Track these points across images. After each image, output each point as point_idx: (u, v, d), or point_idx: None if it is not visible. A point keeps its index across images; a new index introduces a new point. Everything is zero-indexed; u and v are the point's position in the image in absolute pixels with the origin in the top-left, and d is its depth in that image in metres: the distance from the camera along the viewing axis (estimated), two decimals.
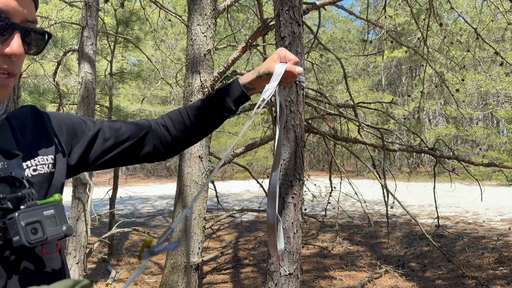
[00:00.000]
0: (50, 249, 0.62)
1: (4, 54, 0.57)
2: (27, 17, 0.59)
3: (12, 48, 0.56)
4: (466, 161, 4.27)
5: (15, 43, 0.57)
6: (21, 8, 0.58)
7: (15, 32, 0.57)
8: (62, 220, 0.58)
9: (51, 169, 0.66)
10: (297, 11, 2.01)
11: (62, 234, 0.58)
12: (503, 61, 4.64)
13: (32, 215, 0.55)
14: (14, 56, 0.57)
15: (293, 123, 1.97)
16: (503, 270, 4.29)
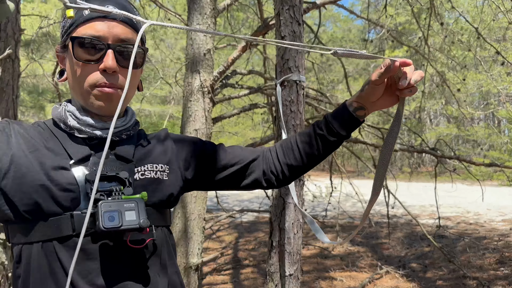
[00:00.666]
0: (136, 241, 0.70)
1: (101, 69, 0.70)
2: (120, 37, 0.71)
3: (105, 64, 0.70)
4: (467, 161, 4.25)
5: (107, 59, 0.70)
6: (112, 31, 0.71)
7: (108, 50, 0.70)
8: (141, 214, 0.66)
9: (159, 176, 0.78)
10: (298, 10, 1.99)
11: (137, 226, 0.65)
12: (504, 60, 4.61)
13: (113, 205, 0.65)
14: (108, 70, 0.70)
15: (293, 123, 1.95)
16: (504, 270, 4.27)
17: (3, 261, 2.18)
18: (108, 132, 0.70)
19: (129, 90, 0.75)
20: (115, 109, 0.66)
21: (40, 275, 0.67)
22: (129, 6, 0.76)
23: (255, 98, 7.20)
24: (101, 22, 0.70)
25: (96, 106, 0.73)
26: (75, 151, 0.72)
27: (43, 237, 0.67)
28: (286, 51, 1.96)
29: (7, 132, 0.71)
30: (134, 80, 0.77)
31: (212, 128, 3.07)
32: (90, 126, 0.74)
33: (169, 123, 11.28)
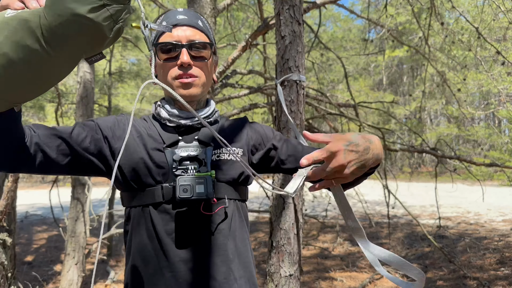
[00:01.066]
0: (208, 209, 0.88)
1: (179, 65, 0.92)
2: (190, 38, 0.93)
3: (181, 60, 0.91)
4: (468, 161, 4.24)
5: (182, 56, 0.91)
6: (184, 33, 0.92)
7: (182, 49, 0.91)
8: (208, 188, 0.84)
9: (231, 158, 0.94)
10: (298, 10, 1.98)
11: (205, 196, 0.84)
12: (504, 60, 4.61)
13: (187, 180, 0.84)
14: (184, 64, 0.91)
15: (293, 123, 1.94)
16: (505, 270, 4.27)
17: (3, 261, 2.17)
18: (191, 121, 0.95)
19: (202, 80, 0.94)
20: (194, 93, 0.93)
21: (139, 230, 0.88)
22: (196, 15, 0.97)
23: (255, 98, 7.19)
24: (175, 29, 0.93)
25: (179, 92, 0.92)
26: (167, 137, 0.93)
27: (142, 202, 0.89)
28: (286, 51, 1.95)
29: (123, 123, 0.95)
30: (207, 73, 0.96)
31: None
32: (177, 116, 0.95)
33: None
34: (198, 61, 0.93)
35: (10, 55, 0.53)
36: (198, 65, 0.93)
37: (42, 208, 9.62)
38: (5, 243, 2.23)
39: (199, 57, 0.93)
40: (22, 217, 8.13)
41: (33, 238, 6.48)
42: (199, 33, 0.94)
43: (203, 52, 0.94)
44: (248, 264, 0.96)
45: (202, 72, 0.94)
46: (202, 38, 0.94)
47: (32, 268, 4.69)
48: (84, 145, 0.86)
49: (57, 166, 0.82)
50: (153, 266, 0.86)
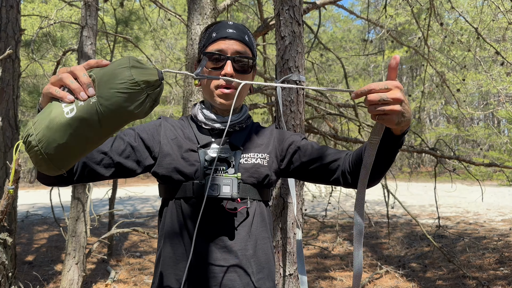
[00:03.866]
0: (232, 207, 0.96)
1: (222, 74, 0.99)
2: (236, 50, 1.00)
3: (225, 70, 0.98)
4: (467, 161, 4.25)
5: (227, 67, 0.98)
6: (231, 46, 1.00)
7: (227, 61, 0.99)
8: (233, 188, 0.93)
9: (259, 162, 1.02)
10: (297, 10, 1.99)
11: (229, 196, 0.92)
12: (504, 60, 4.62)
13: (215, 180, 0.93)
14: (227, 74, 0.98)
15: (293, 123, 1.96)
16: (504, 270, 4.28)
17: (3, 261, 2.18)
18: (225, 125, 1.02)
19: (241, 90, 1.01)
20: (231, 104, 1.00)
21: (172, 220, 0.99)
22: (243, 30, 1.04)
23: (255, 98, 7.20)
24: (223, 41, 1.00)
25: (218, 102, 1.01)
26: (201, 138, 1.02)
27: (175, 195, 0.98)
28: (286, 52, 1.96)
29: (162, 126, 1.04)
30: (245, 85, 1.02)
31: None
32: (212, 120, 1.03)
33: None
34: (240, 73, 1.01)
35: (73, 145, 0.66)
36: (239, 77, 1.01)
37: (42, 208, 9.62)
38: (6, 243, 2.24)
39: (241, 70, 1.01)
40: (22, 216, 8.14)
41: (33, 237, 6.48)
42: (244, 47, 1.02)
43: (246, 66, 1.02)
44: (268, 261, 1.02)
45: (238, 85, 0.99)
46: (247, 52, 1.02)
47: (32, 267, 4.70)
48: (125, 154, 0.95)
49: (103, 176, 0.93)
50: (180, 253, 0.96)
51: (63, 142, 0.65)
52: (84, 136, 0.66)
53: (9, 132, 3.42)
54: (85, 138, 0.66)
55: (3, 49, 3.39)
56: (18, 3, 3.55)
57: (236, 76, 1.00)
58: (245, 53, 1.02)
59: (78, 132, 0.65)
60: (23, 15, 4.08)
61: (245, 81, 0.85)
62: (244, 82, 0.85)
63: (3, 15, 3.47)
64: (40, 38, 5.38)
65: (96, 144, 0.69)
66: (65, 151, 0.66)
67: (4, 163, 3.34)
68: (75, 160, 0.69)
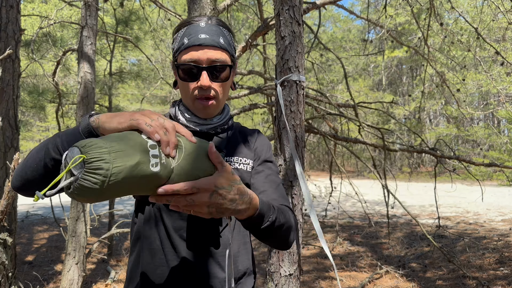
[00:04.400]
0: None
1: (199, 87, 0.94)
2: (211, 59, 0.93)
3: (201, 82, 0.93)
4: (467, 161, 4.25)
5: (203, 78, 0.92)
6: (205, 55, 0.92)
7: (203, 71, 0.93)
8: None
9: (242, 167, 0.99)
10: (297, 10, 1.99)
11: None
12: (504, 60, 4.62)
13: None
14: (203, 87, 0.93)
15: (293, 123, 1.96)
16: (504, 270, 4.28)
17: (4, 261, 2.18)
18: (206, 128, 0.98)
19: (221, 99, 0.98)
20: (211, 113, 0.98)
21: (149, 225, 0.95)
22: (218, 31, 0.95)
23: (255, 98, 7.20)
24: (196, 50, 0.93)
25: (197, 113, 0.98)
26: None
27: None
28: (286, 51, 1.96)
29: None
30: (225, 90, 0.99)
31: None
32: (194, 122, 0.98)
33: None
34: (218, 81, 0.95)
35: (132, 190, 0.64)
36: (218, 85, 0.95)
37: (42, 208, 9.62)
38: (6, 243, 2.24)
39: (219, 78, 0.95)
40: (23, 216, 8.14)
41: (33, 237, 6.48)
42: (220, 52, 0.94)
43: (223, 73, 0.95)
44: (249, 265, 1.03)
45: (221, 92, 0.97)
46: (223, 58, 0.94)
47: (32, 267, 4.70)
48: None
49: None
50: (159, 259, 0.93)
51: (129, 187, 0.61)
52: (144, 188, 0.64)
53: (9, 132, 3.42)
54: (142, 190, 0.64)
55: (3, 49, 3.39)
56: (18, 3, 3.55)
57: (214, 85, 0.95)
58: (222, 60, 0.94)
59: (146, 184, 0.63)
60: (23, 15, 4.08)
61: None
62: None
63: (3, 15, 3.47)
64: (40, 38, 5.38)
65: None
66: (120, 192, 0.62)
67: (4, 163, 3.34)
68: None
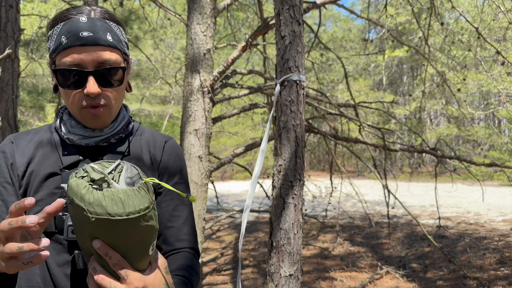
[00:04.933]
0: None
1: (85, 94, 0.77)
2: (98, 60, 0.77)
3: (87, 90, 0.76)
4: (468, 161, 4.23)
5: (89, 85, 0.76)
6: (89, 57, 0.76)
7: (89, 76, 0.76)
8: None
9: None
10: (298, 10, 1.98)
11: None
12: (504, 60, 4.61)
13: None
14: (91, 95, 0.77)
15: (293, 123, 1.95)
16: (505, 270, 4.27)
17: None
18: (94, 141, 0.82)
19: (115, 105, 0.82)
20: (104, 123, 0.82)
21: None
22: (103, 25, 0.78)
23: (255, 98, 7.19)
24: (78, 52, 0.76)
25: (85, 124, 0.81)
26: (66, 158, 0.81)
27: None
28: (286, 51, 1.95)
29: (4, 159, 0.82)
30: (119, 95, 0.82)
31: (212, 128, 3.07)
32: (78, 135, 0.82)
33: (169, 123, 11.27)
34: (108, 87, 0.79)
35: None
36: (108, 91, 0.79)
37: None
38: None
39: (110, 83, 0.79)
40: None
41: None
42: (108, 52, 0.78)
43: (115, 77, 0.79)
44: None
45: (113, 98, 0.80)
46: (113, 59, 0.78)
47: None
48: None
49: None
50: None
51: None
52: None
53: (8, 132, 3.42)
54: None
55: (3, 48, 3.38)
56: (17, 3, 3.54)
57: (105, 91, 0.78)
58: (112, 61, 0.78)
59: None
60: (23, 14, 4.08)
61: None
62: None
63: (2, 14, 3.46)
64: (40, 38, 5.37)
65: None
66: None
67: None
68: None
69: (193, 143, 2.91)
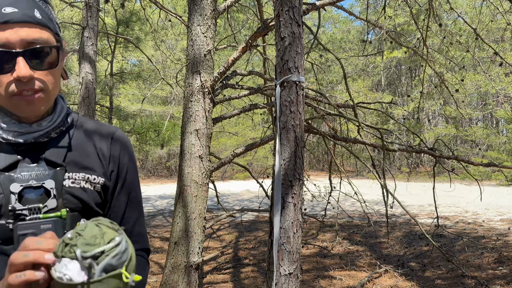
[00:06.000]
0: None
1: (15, 79, 0.66)
2: (27, 40, 0.66)
3: (17, 73, 0.65)
4: (466, 161, 4.27)
5: (19, 67, 0.65)
6: (16, 35, 0.66)
7: (17, 58, 0.66)
8: (59, 235, 0.61)
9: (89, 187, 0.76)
10: (297, 11, 2.02)
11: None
12: (502, 61, 4.65)
13: (29, 227, 0.65)
14: (22, 79, 0.66)
15: (293, 123, 1.98)
16: (503, 269, 4.31)
17: None
18: (33, 136, 0.72)
19: (52, 90, 0.71)
20: (40, 111, 0.71)
21: None
22: (33, 5, 0.69)
23: (255, 98, 7.22)
24: (2, 30, 0.65)
25: (19, 113, 0.70)
26: (1, 158, 0.70)
27: None
28: (285, 52, 1.99)
29: None
30: (55, 79, 0.72)
31: (213, 128, 3.10)
32: (14, 132, 0.71)
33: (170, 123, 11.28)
34: (42, 69, 0.69)
35: None
36: (43, 74, 0.69)
37: None
38: None
39: (43, 64, 0.69)
40: None
41: None
42: (38, 30, 0.68)
43: (49, 57, 0.70)
44: None
45: (49, 82, 0.70)
46: (44, 37, 0.69)
47: None
48: None
49: None
50: None
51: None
52: None
53: None
54: None
55: None
56: None
57: (38, 74, 0.68)
58: (43, 40, 0.68)
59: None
60: None
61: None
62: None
63: None
64: None
65: None
66: None
67: None
68: None
69: (193, 143, 2.95)
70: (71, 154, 0.76)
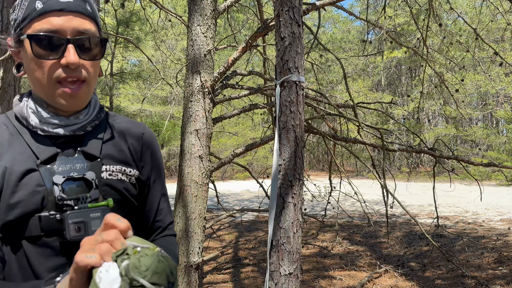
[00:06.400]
0: None
1: (64, 64, 0.69)
2: (78, 29, 0.70)
3: (67, 59, 0.68)
4: (466, 161, 4.27)
5: (69, 54, 0.68)
6: (69, 23, 0.69)
7: (68, 45, 0.69)
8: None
9: (125, 179, 0.78)
10: (297, 11, 2.02)
11: None
12: (502, 61, 4.65)
13: (80, 215, 0.67)
14: (71, 65, 0.69)
15: (293, 123, 1.98)
16: (503, 270, 4.31)
17: None
18: (71, 129, 0.74)
19: (92, 82, 0.74)
20: (79, 105, 0.73)
21: (9, 271, 0.69)
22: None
23: (255, 98, 7.23)
24: (57, 16, 0.68)
25: (59, 105, 0.72)
26: (41, 151, 0.71)
27: (12, 236, 0.69)
28: (285, 52, 1.99)
29: None
30: (96, 72, 0.75)
31: (213, 128, 3.10)
32: (52, 124, 0.73)
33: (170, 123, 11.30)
34: (88, 59, 0.72)
35: None
36: (89, 64, 0.72)
37: None
38: None
39: (89, 54, 0.72)
40: None
41: None
42: (88, 22, 0.72)
43: (95, 49, 0.73)
44: None
45: (91, 74, 0.73)
46: (93, 29, 0.73)
47: None
48: None
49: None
50: None
51: None
52: None
53: None
54: None
55: (5, 50, 3.41)
56: None
57: (85, 63, 0.71)
58: (92, 32, 0.72)
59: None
60: None
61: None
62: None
63: (4, 15, 3.49)
64: None
65: None
66: None
67: None
68: None
69: (193, 143, 2.95)
70: (106, 147, 0.78)
